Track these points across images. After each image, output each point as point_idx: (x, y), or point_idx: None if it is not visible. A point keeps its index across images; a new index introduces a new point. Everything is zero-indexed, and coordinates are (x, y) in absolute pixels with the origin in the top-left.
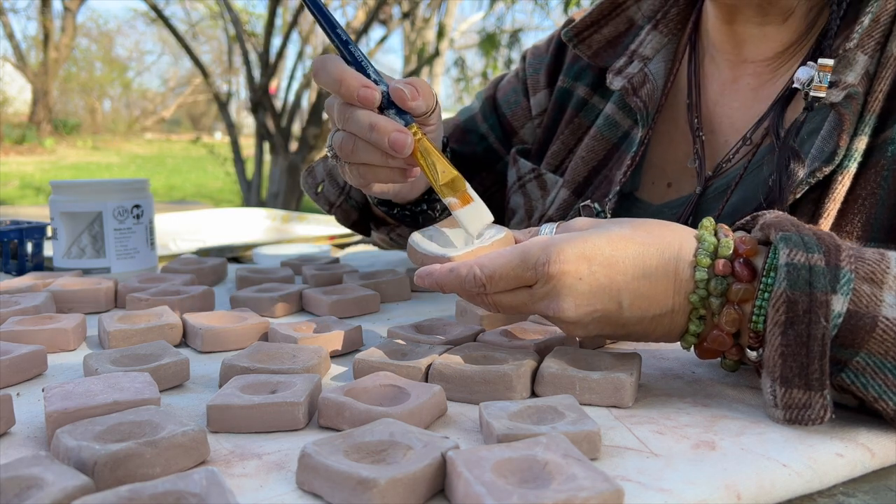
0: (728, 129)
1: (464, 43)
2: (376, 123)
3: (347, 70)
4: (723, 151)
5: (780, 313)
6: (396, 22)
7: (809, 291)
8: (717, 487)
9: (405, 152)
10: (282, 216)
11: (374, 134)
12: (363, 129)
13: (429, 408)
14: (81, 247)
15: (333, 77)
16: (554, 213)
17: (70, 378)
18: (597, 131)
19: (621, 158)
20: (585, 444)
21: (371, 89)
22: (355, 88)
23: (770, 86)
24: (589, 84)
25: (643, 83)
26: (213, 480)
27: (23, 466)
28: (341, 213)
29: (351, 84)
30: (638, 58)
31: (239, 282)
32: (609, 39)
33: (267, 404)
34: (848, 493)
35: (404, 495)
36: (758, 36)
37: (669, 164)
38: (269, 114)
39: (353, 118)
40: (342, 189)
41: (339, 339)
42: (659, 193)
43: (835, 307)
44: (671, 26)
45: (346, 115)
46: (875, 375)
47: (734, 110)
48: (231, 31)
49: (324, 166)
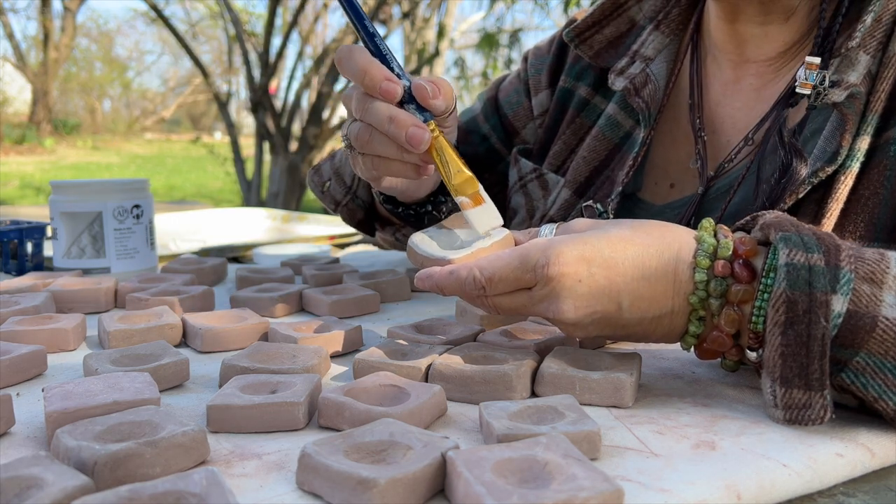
0: (730, 129)
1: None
2: (395, 116)
3: (373, 61)
4: (725, 151)
5: (780, 313)
6: (396, 22)
7: (809, 291)
8: (717, 487)
9: (421, 148)
10: (282, 216)
11: (393, 126)
12: (382, 121)
13: (429, 408)
14: (81, 247)
15: (359, 67)
16: (555, 213)
17: (70, 378)
18: (598, 131)
19: (623, 159)
20: (585, 444)
21: (394, 83)
22: (379, 80)
23: (772, 86)
24: (590, 84)
25: (645, 84)
26: (213, 480)
27: (23, 466)
28: (347, 211)
29: (375, 76)
30: (640, 58)
31: (239, 282)
32: (610, 40)
33: (267, 404)
34: (848, 493)
35: (404, 495)
36: (760, 35)
37: (672, 164)
38: (269, 114)
39: (373, 109)
40: (349, 188)
41: (339, 339)
42: (661, 194)
43: (835, 307)
44: (673, 26)
45: (366, 106)
46: (875, 375)
47: (736, 110)
48: (231, 31)
49: (330, 165)
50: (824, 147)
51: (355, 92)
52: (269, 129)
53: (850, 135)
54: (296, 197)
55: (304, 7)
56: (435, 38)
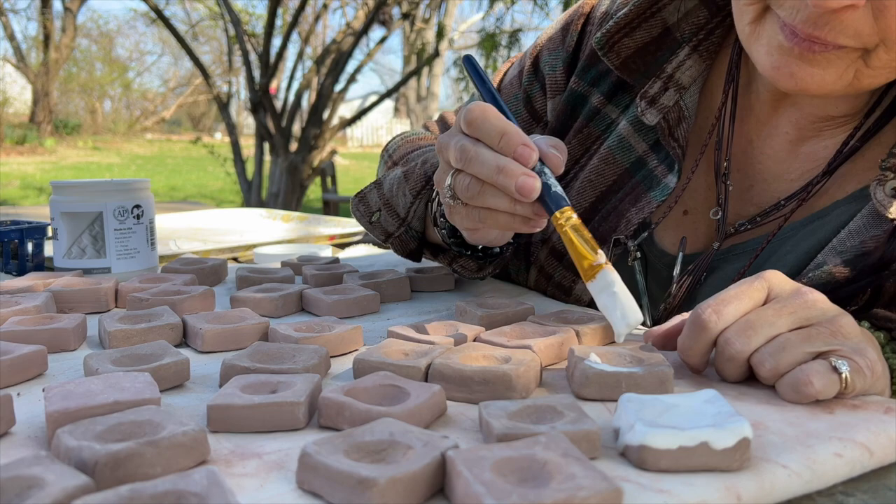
0: (756, 173)
1: (463, 43)
2: (505, 166)
3: (510, 124)
4: (746, 198)
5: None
6: (396, 22)
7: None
8: (717, 488)
9: (532, 196)
10: (282, 216)
11: (501, 177)
12: (490, 171)
13: (428, 407)
14: (82, 247)
15: (496, 129)
16: (557, 239)
17: (70, 378)
18: (608, 153)
19: (635, 190)
20: (585, 444)
21: (530, 148)
22: (516, 144)
23: (809, 144)
24: (605, 92)
25: (679, 121)
26: (214, 480)
27: (23, 466)
28: (399, 243)
29: (513, 140)
30: (674, 86)
31: (239, 282)
32: (639, 46)
33: (267, 404)
34: (847, 493)
35: (404, 495)
36: (814, 100)
37: (687, 190)
38: (270, 114)
39: (480, 159)
40: (402, 220)
41: (339, 339)
42: (674, 219)
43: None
44: (712, 49)
45: (470, 155)
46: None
47: (767, 156)
48: (231, 31)
49: (378, 195)
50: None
51: (456, 140)
52: (269, 130)
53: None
54: (296, 197)
55: (304, 8)
56: (434, 39)
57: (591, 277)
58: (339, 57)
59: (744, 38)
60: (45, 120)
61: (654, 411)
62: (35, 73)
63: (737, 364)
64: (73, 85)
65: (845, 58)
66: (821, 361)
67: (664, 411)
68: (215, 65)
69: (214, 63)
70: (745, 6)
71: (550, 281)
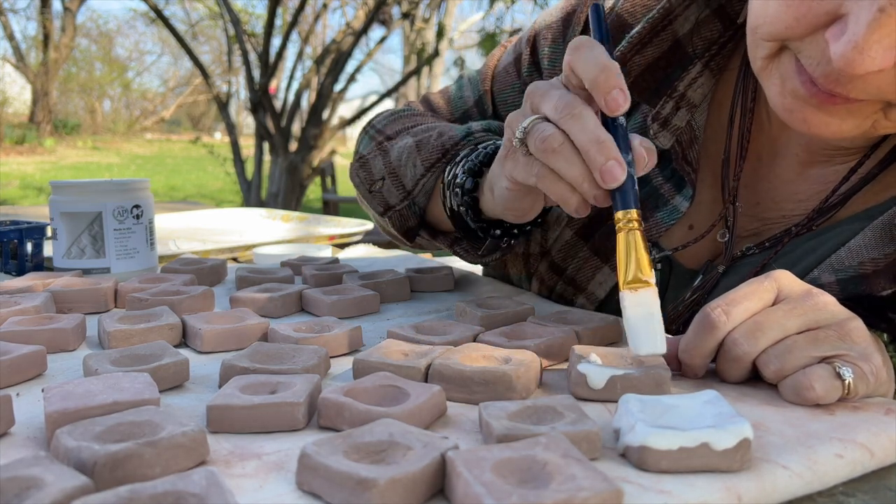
0: (764, 192)
1: (463, 43)
2: (605, 141)
3: (614, 63)
4: (752, 213)
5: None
6: (396, 22)
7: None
8: (718, 489)
9: (611, 185)
10: (282, 216)
11: (595, 148)
12: (586, 138)
13: (428, 408)
14: (81, 247)
15: (598, 63)
16: (556, 254)
17: (70, 378)
18: None
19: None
20: (585, 444)
21: (623, 98)
22: (612, 87)
23: (819, 167)
24: None
25: (691, 143)
26: (213, 481)
27: (22, 467)
28: (399, 218)
29: (611, 79)
30: (685, 104)
31: (239, 282)
32: (649, 63)
33: (267, 404)
34: (848, 494)
35: (404, 495)
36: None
37: (693, 216)
38: (269, 114)
39: (581, 118)
40: (408, 192)
41: (339, 339)
42: (680, 233)
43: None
44: (722, 64)
45: (576, 112)
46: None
47: (776, 175)
48: (231, 31)
49: (384, 162)
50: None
51: (555, 90)
52: (268, 130)
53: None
54: (296, 197)
55: (303, 7)
56: (434, 39)
57: (633, 289)
58: (339, 57)
59: (756, 69)
60: (45, 120)
61: (654, 412)
62: (34, 72)
63: (742, 365)
64: (73, 85)
65: (865, 109)
66: (825, 366)
67: (665, 412)
68: (215, 65)
69: (214, 63)
70: (760, 40)
71: (552, 292)
